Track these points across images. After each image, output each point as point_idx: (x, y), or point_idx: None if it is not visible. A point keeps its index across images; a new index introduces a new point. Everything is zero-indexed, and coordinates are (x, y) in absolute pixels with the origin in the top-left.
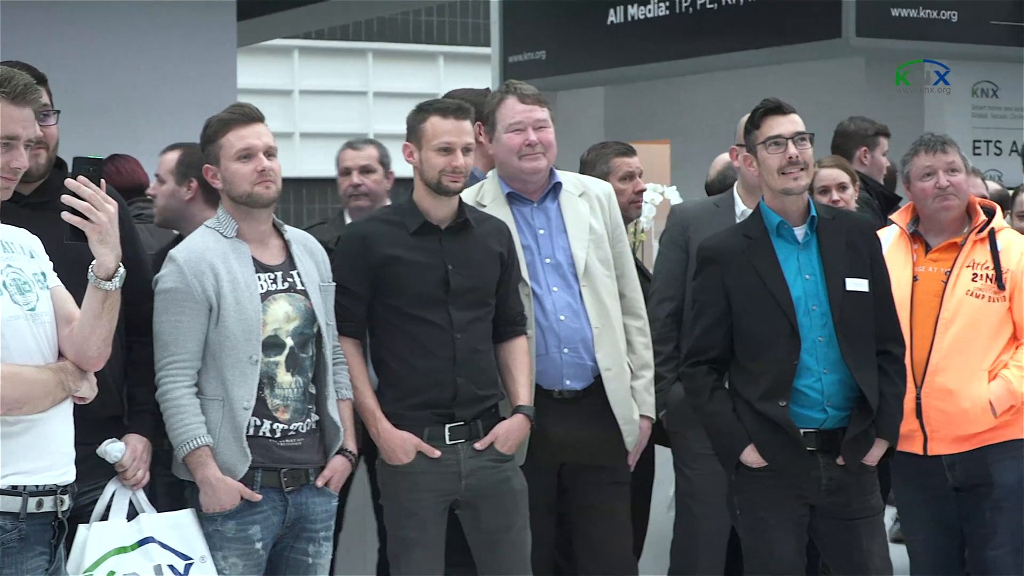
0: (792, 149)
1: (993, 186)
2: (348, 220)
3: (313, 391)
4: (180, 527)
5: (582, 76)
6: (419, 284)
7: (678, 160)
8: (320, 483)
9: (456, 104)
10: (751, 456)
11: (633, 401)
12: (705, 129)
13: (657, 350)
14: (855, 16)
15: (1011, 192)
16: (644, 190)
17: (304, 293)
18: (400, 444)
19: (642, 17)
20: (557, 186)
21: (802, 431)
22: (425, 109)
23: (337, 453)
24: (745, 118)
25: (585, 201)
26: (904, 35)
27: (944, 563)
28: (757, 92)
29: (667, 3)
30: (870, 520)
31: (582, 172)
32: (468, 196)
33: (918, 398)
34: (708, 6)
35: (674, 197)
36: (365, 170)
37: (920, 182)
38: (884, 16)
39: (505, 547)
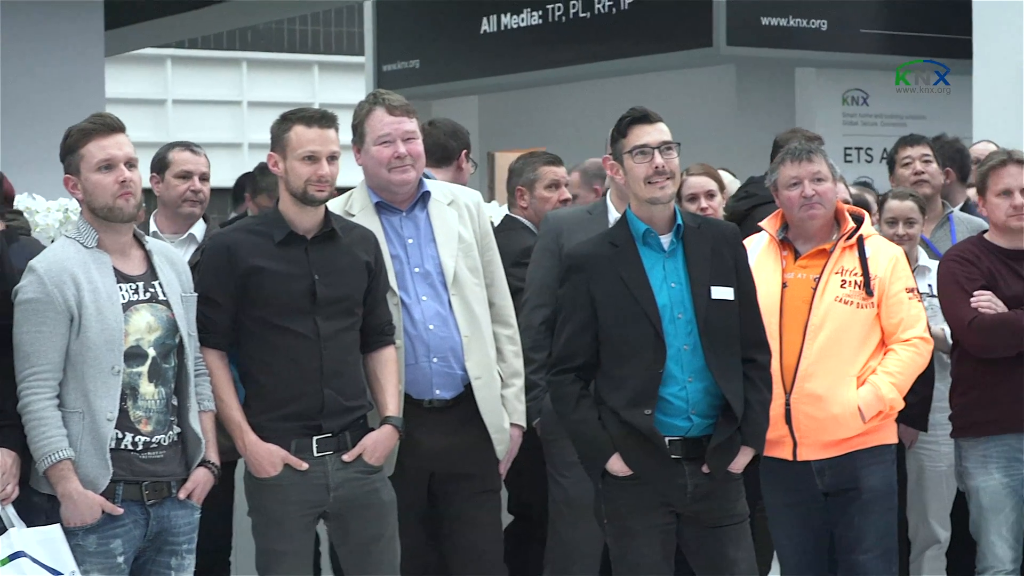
0: (658, 159)
1: (854, 192)
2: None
3: (175, 403)
4: (50, 542)
5: (456, 85)
6: (285, 295)
7: None
8: (183, 495)
9: (320, 113)
10: (616, 465)
11: (503, 409)
12: (579, 137)
13: (531, 358)
14: (726, 25)
15: (879, 198)
16: (569, 199)
17: (166, 303)
18: (267, 456)
19: (515, 26)
20: (426, 195)
21: (667, 439)
22: (289, 118)
23: (199, 465)
24: None
25: (454, 209)
26: (774, 44)
27: (813, 567)
28: (630, 100)
29: (540, 12)
30: (736, 527)
31: (509, 180)
32: (337, 205)
33: (787, 404)
34: (581, 15)
35: None
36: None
37: (786, 191)
38: (754, 25)
39: (375, 558)
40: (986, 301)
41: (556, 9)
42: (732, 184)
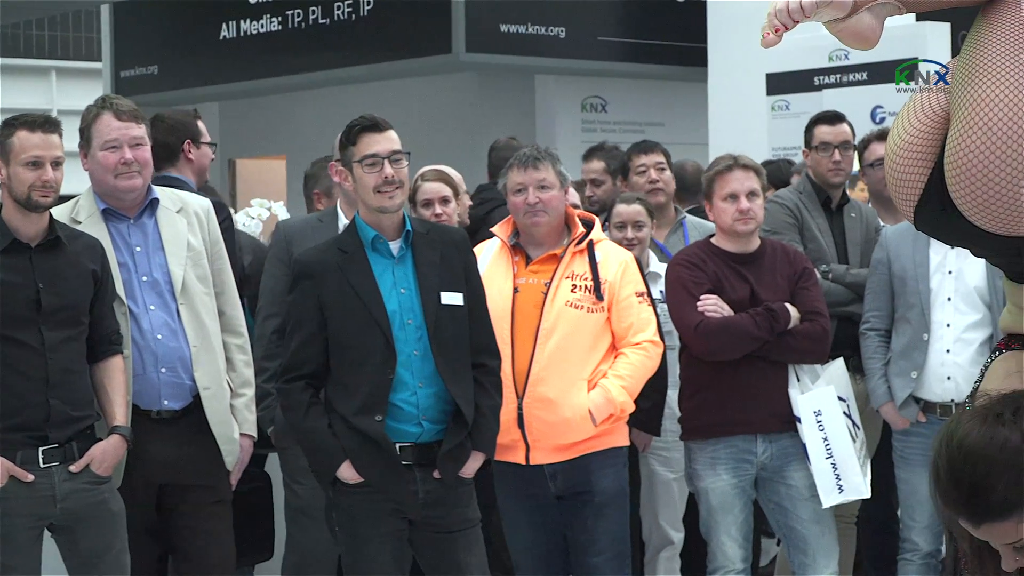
0: (388, 169)
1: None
2: None
3: None
4: None
5: (195, 91)
6: (9, 304)
7: (294, 175)
8: None
9: (44, 118)
10: (347, 472)
11: (233, 420)
12: (320, 144)
13: (264, 366)
14: (464, 32)
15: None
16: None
17: None
18: None
19: (255, 32)
20: (154, 202)
21: (398, 445)
22: (12, 124)
23: None
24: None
25: (183, 217)
26: (514, 51)
27: (548, 571)
28: (372, 106)
29: (280, 18)
30: (467, 532)
31: (305, 185)
32: (63, 213)
33: (520, 408)
34: (320, 21)
35: (281, 212)
36: None
37: (513, 197)
38: (493, 32)
39: (104, 570)
40: (712, 305)
41: (296, 15)
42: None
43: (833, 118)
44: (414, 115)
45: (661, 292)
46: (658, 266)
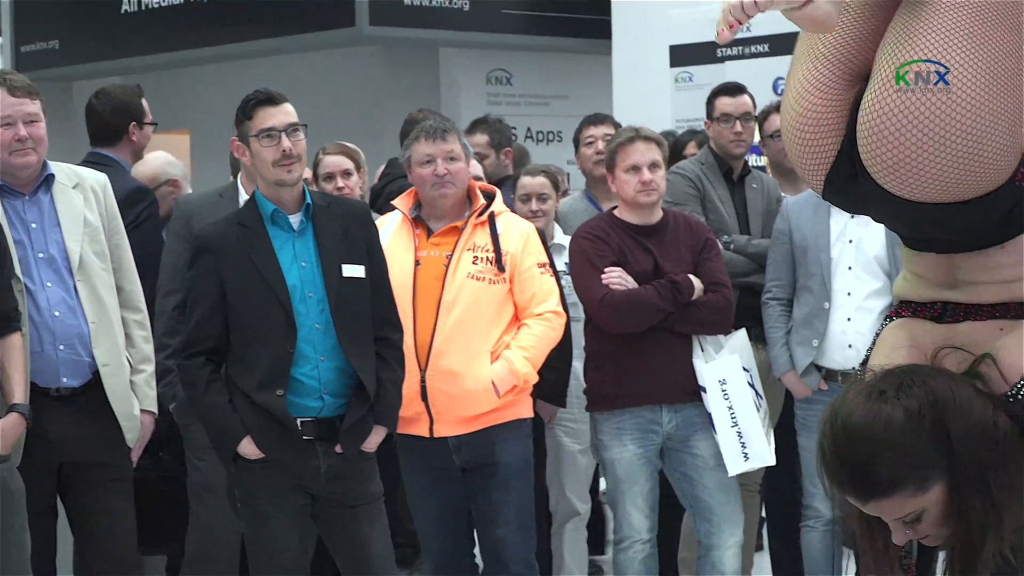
0: (286, 142)
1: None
2: None
3: None
4: None
5: (97, 66)
6: None
7: (198, 151)
8: None
9: None
10: (248, 448)
11: (133, 396)
12: (224, 119)
13: (165, 343)
14: (368, 5)
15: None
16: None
17: None
18: None
19: (156, 6)
20: (50, 178)
21: (299, 420)
22: None
23: None
24: None
25: (79, 193)
26: (418, 24)
27: (454, 543)
28: (275, 81)
29: None
30: (370, 507)
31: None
32: None
33: (423, 381)
34: None
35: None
36: None
37: (420, 168)
38: (397, 5)
39: (3, 549)
40: (616, 277)
41: None
42: None
43: (734, 89)
44: (319, 89)
45: (566, 264)
46: (563, 238)
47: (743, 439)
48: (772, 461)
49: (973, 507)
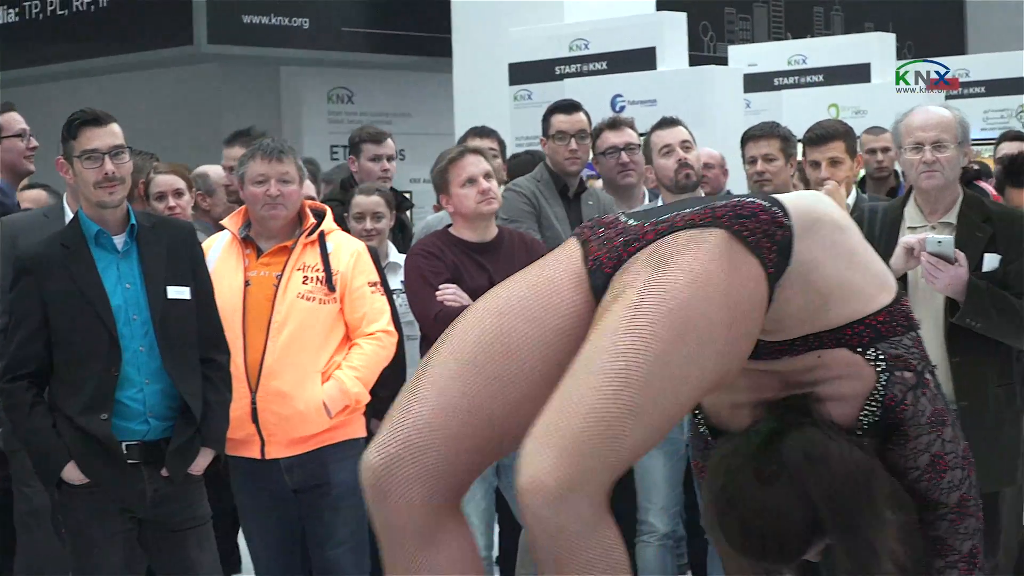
0: (108, 165)
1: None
2: None
3: None
4: None
5: None
6: None
7: (38, 167)
8: None
9: None
10: (72, 473)
11: None
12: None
13: None
14: (206, 24)
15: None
16: None
17: None
18: None
19: None
20: None
21: (125, 444)
22: None
23: None
24: None
25: None
26: (258, 42)
27: (286, 565)
28: (115, 98)
29: (16, 9)
30: (197, 530)
31: None
32: None
33: (253, 402)
34: (59, 12)
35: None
36: None
37: (253, 187)
38: (236, 24)
39: None
40: (451, 294)
41: (33, 6)
42: None
43: (569, 107)
44: (158, 106)
45: (401, 283)
46: (397, 257)
47: None
48: None
49: (852, 552)
